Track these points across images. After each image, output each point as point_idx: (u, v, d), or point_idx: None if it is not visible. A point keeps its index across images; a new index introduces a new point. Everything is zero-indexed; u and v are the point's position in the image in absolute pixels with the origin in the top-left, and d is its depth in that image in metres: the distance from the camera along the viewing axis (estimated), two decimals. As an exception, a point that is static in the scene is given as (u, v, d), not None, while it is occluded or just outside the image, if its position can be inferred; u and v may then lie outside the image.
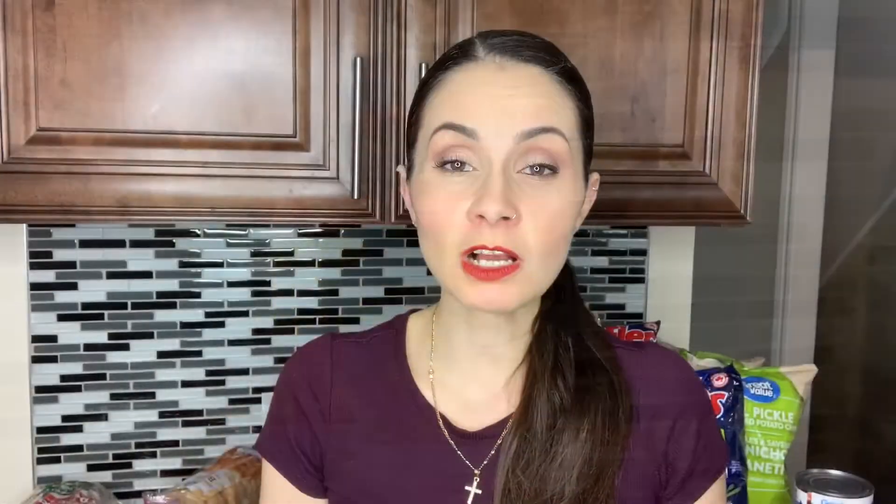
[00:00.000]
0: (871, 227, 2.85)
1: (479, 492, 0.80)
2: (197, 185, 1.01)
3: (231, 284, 1.40)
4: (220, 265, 1.39)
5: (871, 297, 2.89)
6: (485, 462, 0.80)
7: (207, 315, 1.39)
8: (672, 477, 0.82)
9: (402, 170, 0.83)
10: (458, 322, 0.82)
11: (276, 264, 1.41)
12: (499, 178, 0.71)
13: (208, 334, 1.40)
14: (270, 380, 1.42)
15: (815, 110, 2.22)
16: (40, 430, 1.34)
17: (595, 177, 0.82)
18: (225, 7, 0.99)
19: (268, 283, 1.41)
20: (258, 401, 1.43)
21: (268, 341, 1.42)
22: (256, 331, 1.42)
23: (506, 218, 0.70)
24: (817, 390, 1.66)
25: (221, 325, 1.40)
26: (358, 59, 1.01)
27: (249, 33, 1.00)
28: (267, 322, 1.42)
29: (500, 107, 0.72)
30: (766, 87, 1.16)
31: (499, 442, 0.80)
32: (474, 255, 0.72)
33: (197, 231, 1.38)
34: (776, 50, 2.24)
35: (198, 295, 1.39)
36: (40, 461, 1.34)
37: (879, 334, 2.86)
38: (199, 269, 1.38)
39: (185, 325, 1.38)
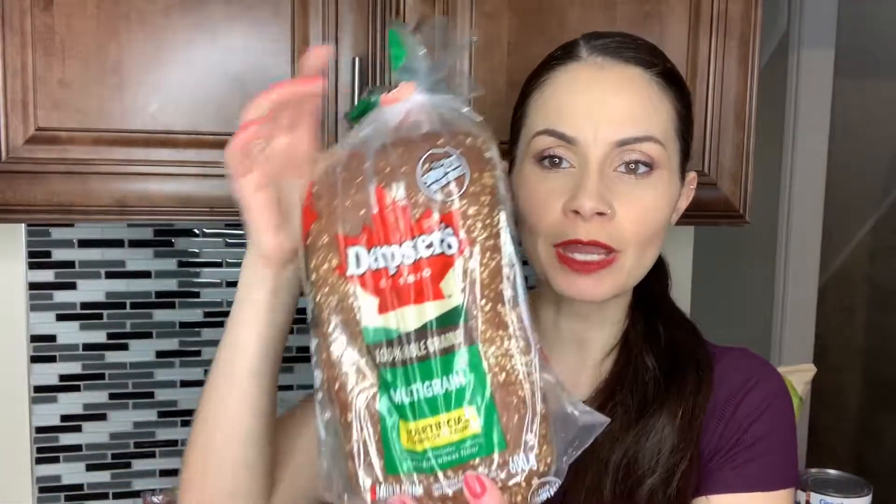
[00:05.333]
0: (871, 227, 2.86)
1: None
2: (196, 185, 1.01)
3: (230, 284, 1.40)
4: (219, 265, 1.39)
5: (870, 297, 2.89)
6: None
7: (206, 315, 1.39)
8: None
9: (505, 164, 0.85)
10: (548, 307, 0.85)
11: (276, 264, 1.41)
12: (594, 175, 0.73)
13: (207, 334, 1.40)
14: (269, 379, 1.42)
15: (815, 110, 2.21)
16: (39, 429, 1.34)
17: (692, 175, 0.86)
18: (224, 7, 0.99)
19: (267, 283, 1.41)
20: (257, 400, 1.42)
21: (267, 341, 1.42)
22: (255, 330, 1.41)
23: (601, 214, 0.73)
24: (816, 390, 1.66)
25: (220, 324, 1.39)
26: (356, 59, 1.01)
27: (248, 33, 1.00)
28: (266, 322, 1.41)
29: (598, 114, 0.75)
30: (765, 86, 1.16)
31: None
32: (565, 247, 0.74)
33: (196, 231, 1.38)
34: (776, 50, 2.24)
35: (197, 295, 1.39)
36: (39, 461, 1.34)
37: (879, 334, 2.86)
38: (197, 269, 1.38)
39: (183, 324, 1.38)
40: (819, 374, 1.38)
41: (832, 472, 1.20)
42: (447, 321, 0.55)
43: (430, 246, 0.55)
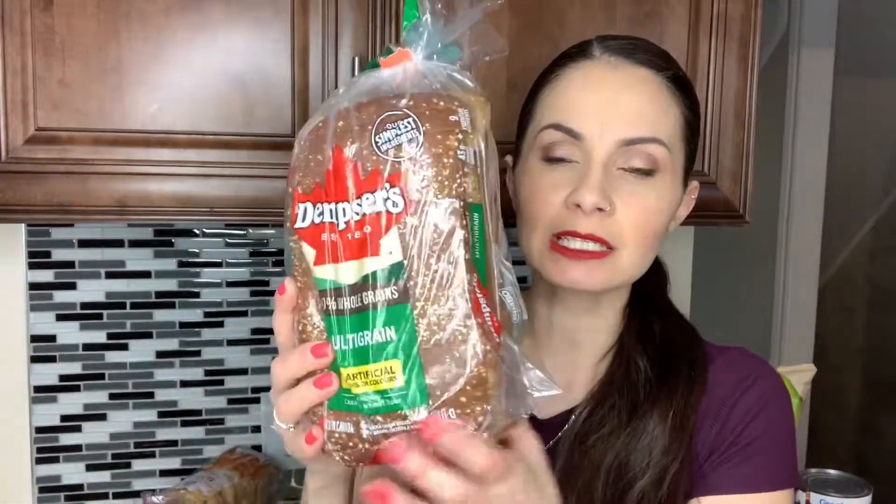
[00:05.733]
0: (871, 227, 2.86)
1: None
2: (196, 185, 1.01)
3: (230, 284, 1.40)
4: (218, 265, 1.39)
5: (870, 297, 2.89)
6: (548, 445, 0.80)
7: (206, 315, 1.39)
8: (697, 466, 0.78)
9: (509, 159, 0.86)
10: (542, 305, 0.85)
11: (275, 264, 1.41)
12: (598, 171, 0.74)
13: (207, 334, 1.40)
14: (269, 379, 1.42)
15: (815, 110, 2.21)
16: (39, 429, 1.34)
17: (694, 184, 0.85)
18: (224, 7, 0.99)
19: (266, 283, 1.41)
20: (257, 400, 1.42)
21: (266, 341, 1.42)
22: (255, 330, 1.42)
23: (601, 209, 0.73)
24: (816, 390, 1.66)
25: (220, 324, 1.40)
26: (356, 59, 1.01)
27: (248, 33, 1.00)
28: (266, 322, 1.42)
29: (606, 111, 0.75)
30: (765, 86, 1.15)
31: (566, 427, 0.81)
32: (559, 238, 0.75)
33: (196, 231, 1.38)
34: (776, 50, 2.24)
35: (197, 295, 1.39)
36: (39, 461, 1.34)
37: (879, 334, 2.86)
38: (197, 269, 1.38)
39: (183, 324, 1.38)
40: (819, 374, 1.38)
41: (832, 472, 1.19)
42: (385, 277, 0.57)
43: (373, 203, 0.57)
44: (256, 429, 1.43)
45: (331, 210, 0.59)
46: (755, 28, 1.11)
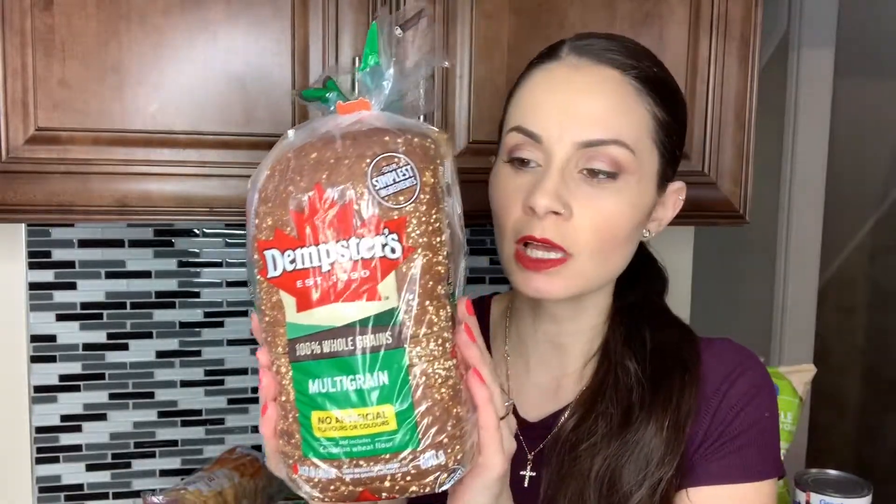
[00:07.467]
0: (871, 227, 2.86)
1: (534, 474, 0.82)
2: (196, 185, 1.01)
3: (230, 284, 1.40)
4: (219, 265, 1.39)
5: (871, 297, 2.89)
6: (540, 446, 0.82)
7: (206, 315, 1.39)
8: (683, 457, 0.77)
9: (493, 160, 0.86)
10: (525, 308, 0.85)
11: (276, 264, 1.41)
12: (554, 175, 0.73)
13: (207, 334, 1.40)
14: (269, 379, 1.42)
15: (815, 110, 2.21)
16: (39, 429, 1.34)
17: (677, 185, 0.83)
18: (224, 6, 0.99)
19: (267, 283, 1.41)
20: (257, 401, 1.42)
21: (267, 341, 1.42)
22: (255, 330, 1.41)
23: (556, 213, 0.72)
24: (816, 390, 1.66)
25: (220, 324, 1.40)
26: (356, 59, 1.01)
27: (248, 33, 1.00)
28: (266, 322, 1.41)
29: (565, 113, 0.74)
30: (765, 86, 1.16)
31: (555, 430, 0.81)
32: (526, 245, 0.75)
33: (196, 231, 1.38)
34: (776, 50, 2.24)
35: (197, 294, 1.39)
36: (39, 461, 1.34)
37: (879, 334, 2.86)
38: (197, 269, 1.38)
39: (183, 324, 1.38)
40: (819, 374, 1.38)
41: (832, 472, 1.20)
42: (379, 322, 0.57)
43: (371, 248, 0.57)
44: (256, 429, 1.43)
45: (309, 255, 0.57)
46: (755, 28, 1.11)
